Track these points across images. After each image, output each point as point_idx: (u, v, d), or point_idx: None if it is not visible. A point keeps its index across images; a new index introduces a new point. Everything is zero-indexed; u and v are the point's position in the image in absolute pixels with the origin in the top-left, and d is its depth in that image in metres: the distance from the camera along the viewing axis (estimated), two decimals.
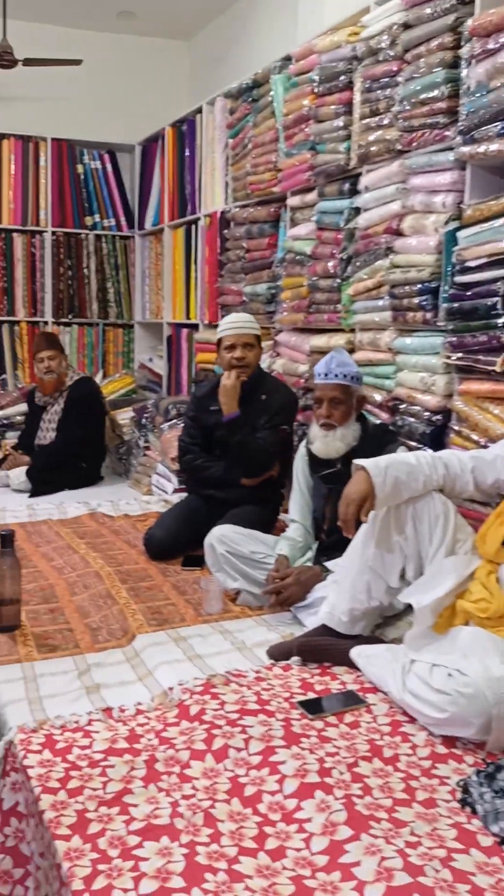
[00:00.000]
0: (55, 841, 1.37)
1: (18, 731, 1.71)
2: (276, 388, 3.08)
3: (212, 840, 1.38)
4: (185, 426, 3.22)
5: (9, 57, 4.30)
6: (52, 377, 4.24)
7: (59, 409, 4.29)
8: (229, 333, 3.01)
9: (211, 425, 3.05)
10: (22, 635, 2.24)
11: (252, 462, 2.97)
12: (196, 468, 3.11)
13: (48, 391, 4.30)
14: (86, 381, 4.44)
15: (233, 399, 2.94)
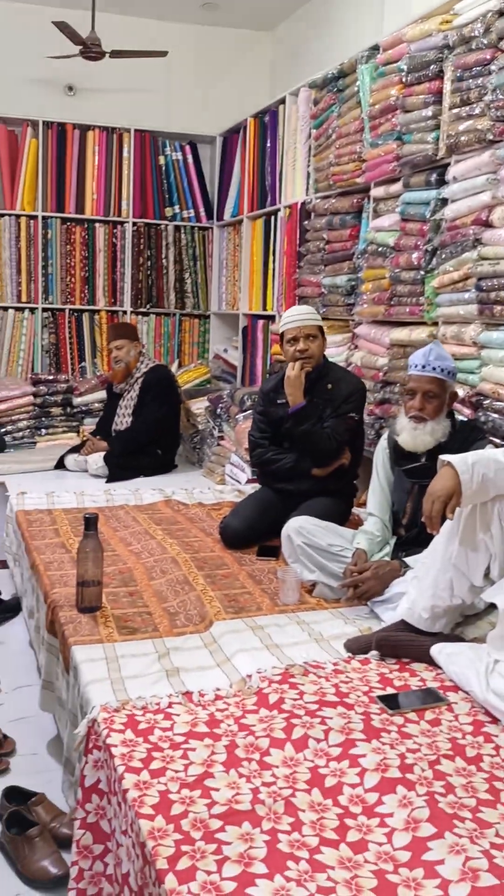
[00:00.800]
0: (139, 820, 1.39)
1: (101, 709, 1.75)
2: (343, 378, 3.06)
3: (293, 829, 1.39)
4: (255, 420, 3.24)
5: (97, 49, 4.36)
6: (120, 366, 4.33)
7: (134, 395, 4.37)
8: (291, 326, 3.01)
9: (279, 418, 3.06)
10: (103, 616, 2.29)
11: (319, 451, 2.96)
12: (266, 461, 3.12)
13: (117, 380, 4.39)
14: (159, 367, 4.51)
15: (298, 390, 2.94)
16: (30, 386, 4.90)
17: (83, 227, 5.20)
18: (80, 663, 2.01)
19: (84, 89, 5.19)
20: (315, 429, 2.92)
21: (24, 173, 5.01)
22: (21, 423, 4.82)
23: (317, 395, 2.98)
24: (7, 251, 5.06)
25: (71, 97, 5.19)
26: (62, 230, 5.16)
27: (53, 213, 5.11)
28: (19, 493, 3.69)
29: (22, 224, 5.06)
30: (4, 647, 3.22)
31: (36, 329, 5.16)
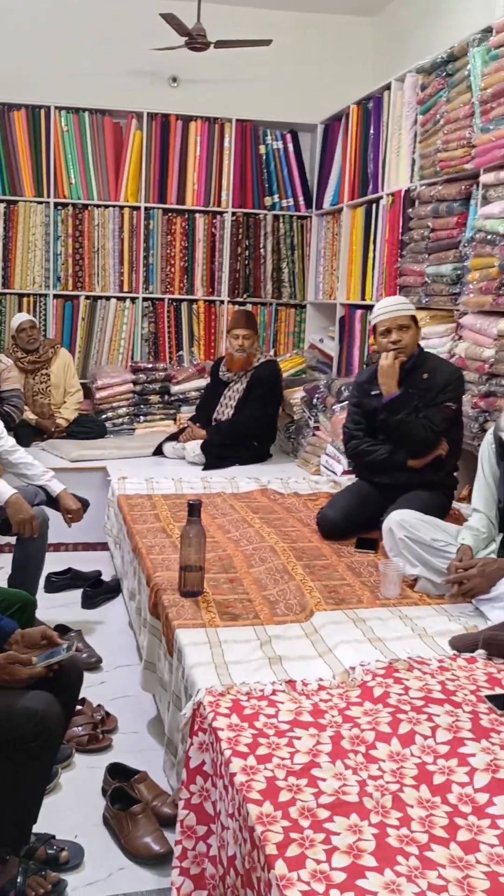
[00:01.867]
0: (247, 804, 1.41)
1: (207, 693, 1.78)
2: (439, 367, 3.00)
3: (401, 824, 1.38)
4: (349, 412, 3.21)
5: (202, 40, 4.39)
6: (243, 355, 4.34)
7: (241, 387, 4.38)
8: (384, 318, 2.97)
9: (373, 409, 3.03)
10: (204, 601, 2.32)
11: (414, 442, 2.91)
12: (361, 453, 3.09)
13: (236, 368, 4.39)
14: (271, 363, 4.50)
15: (392, 379, 2.91)
16: (129, 374, 5.00)
17: (183, 217, 5.26)
18: (185, 646, 2.04)
19: (187, 80, 5.24)
20: (410, 419, 2.88)
21: (128, 165, 5.10)
22: (121, 409, 4.93)
23: (412, 384, 2.93)
24: (111, 242, 5.17)
25: (174, 88, 5.25)
26: (163, 221, 5.24)
27: (155, 204, 5.19)
28: (121, 478, 3.78)
29: (125, 215, 5.16)
30: (105, 627, 3.32)
31: (136, 318, 5.26)
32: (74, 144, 5.03)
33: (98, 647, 3.04)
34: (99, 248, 5.17)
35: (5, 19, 4.90)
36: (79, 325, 5.19)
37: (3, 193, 5.01)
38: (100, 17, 5.04)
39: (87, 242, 5.14)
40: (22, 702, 1.66)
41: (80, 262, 5.15)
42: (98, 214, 5.14)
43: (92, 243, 5.15)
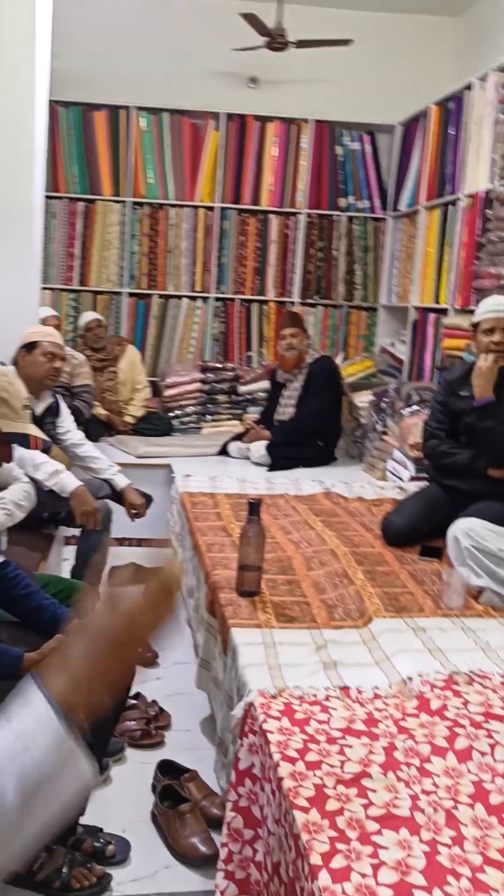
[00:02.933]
0: (294, 811, 1.37)
1: (259, 694, 1.75)
2: None
3: (454, 843, 1.32)
4: (432, 410, 3.12)
5: (281, 40, 4.38)
6: (293, 354, 4.33)
7: (298, 385, 4.37)
8: (490, 316, 2.86)
9: (459, 411, 2.93)
10: (261, 602, 2.29)
11: (500, 451, 2.80)
12: (440, 454, 3.00)
13: (288, 367, 4.39)
14: (324, 359, 4.49)
15: (488, 382, 2.80)
16: (198, 373, 5.02)
17: (257, 217, 5.26)
18: (239, 646, 2.02)
19: (266, 81, 5.23)
20: (500, 427, 2.77)
21: (205, 165, 5.13)
22: (188, 408, 4.96)
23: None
24: (185, 241, 5.21)
25: (253, 89, 5.25)
26: (237, 221, 5.24)
27: (230, 205, 5.20)
28: (185, 476, 3.79)
29: (200, 215, 5.19)
30: None
31: (207, 318, 5.28)
32: (153, 144, 5.08)
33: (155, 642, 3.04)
34: (173, 248, 5.21)
35: (89, 22, 4.99)
36: (151, 324, 5.24)
37: (83, 193, 5.10)
38: (181, 19, 5.08)
39: (162, 241, 5.19)
40: None
41: (155, 261, 5.20)
42: (173, 214, 5.18)
43: (167, 242, 5.20)
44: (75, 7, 4.87)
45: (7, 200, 3.20)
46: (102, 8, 5.02)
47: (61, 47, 4.73)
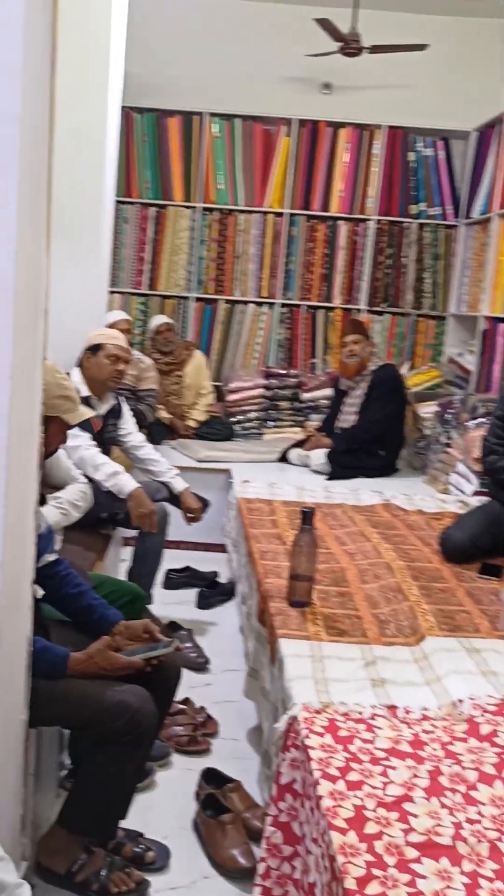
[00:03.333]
0: (331, 831, 1.34)
1: (303, 708, 1.72)
2: None
3: (497, 876, 1.26)
4: (492, 425, 3.03)
5: (355, 45, 4.34)
6: (355, 361, 4.30)
7: (361, 393, 4.32)
8: None
9: None
10: (312, 613, 2.26)
11: None
12: (499, 469, 2.92)
13: (350, 374, 4.35)
14: (388, 366, 4.45)
15: None
16: (262, 379, 5.01)
17: (326, 224, 5.22)
18: (286, 657, 1.99)
19: (340, 87, 5.20)
20: None
21: (275, 171, 5.12)
22: (251, 414, 4.95)
23: None
24: (253, 247, 5.22)
25: (326, 95, 5.22)
26: (306, 227, 5.22)
27: (299, 211, 5.18)
28: (243, 482, 3.78)
29: (268, 221, 5.19)
30: (218, 630, 3.32)
31: (272, 324, 5.27)
32: (225, 150, 5.11)
33: (208, 648, 3.05)
34: (241, 253, 5.22)
35: (162, 29, 5.05)
36: (216, 329, 5.26)
37: (155, 198, 5.16)
38: (255, 25, 5.09)
39: (230, 247, 5.21)
40: (116, 695, 1.67)
41: (222, 267, 5.22)
42: (243, 220, 5.19)
43: (235, 248, 5.21)
44: (152, 14, 4.94)
45: (78, 205, 3.25)
46: (178, 15, 5.07)
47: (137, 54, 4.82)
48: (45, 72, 1.41)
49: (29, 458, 1.48)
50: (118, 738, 1.64)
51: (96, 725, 1.65)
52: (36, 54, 1.31)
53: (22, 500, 1.44)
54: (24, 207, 1.30)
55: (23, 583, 1.54)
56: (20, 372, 1.35)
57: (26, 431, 1.44)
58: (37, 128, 1.36)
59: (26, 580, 1.57)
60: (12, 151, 1.22)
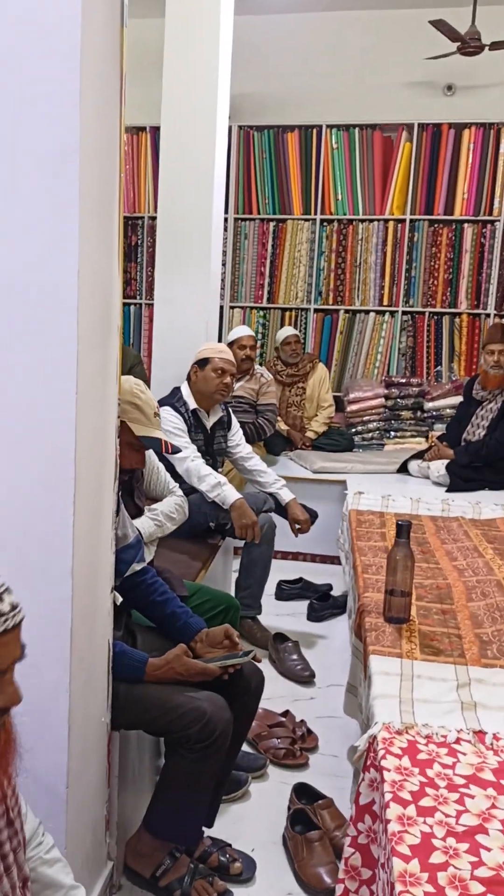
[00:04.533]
0: (394, 857, 1.28)
1: (384, 728, 1.66)
2: None
3: None
4: None
5: (476, 44, 4.20)
6: (500, 372, 4.04)
7: (495, 407, 4.11)
8: None
9: None
10: (409, 630, 2.19)
11: None
12: None
13: (491, 386, 4.11)
14: None
15: None
16: (382, 388, 4.93)
17: (451, 227, 5.07)
18: (374, 674, 1.94)
19: (462, 87, 5.05)
20: None
21: (396, 177, 5.04)
22: (371, 424, 4.88)
23: None
24: (373, 255, 5.15)
25: (449, 97, 5.09)
26: (429, 232, 5.10)
27: (421, 216, 5.07)
28: (356, 493, 3.73)
29: (390, 228, 5.11)
30: (328, 643, 3.29)
31: (394, 332, 5.17)
32: (343, 161, 5.09)
33: (315, 661, 3.02)
34: (361, 262, 5.17)
35: (278, 46, 5.11)
36: (336, 339, 5.23)
37: (274, 213, 5.22)
38: (370, 33, 5.05)
39: (350, 257, 5.17)
40: (192, 701, 1.68)
41: (342, 277, 5.20)
42: (362, 229, 5.14)
43: (354, 257, 5.17)
44: (264, 34, 5.02)
45: (190, 223, 3.34)
46: (291, 31, 5.11)
47: (252, 74, 4.92)
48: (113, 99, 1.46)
49: (101, 470, 1.53)
50: (193, 743, 1.66)
51: (172, 730, 1.68)
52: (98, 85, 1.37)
53: (94, 511, 1.49)
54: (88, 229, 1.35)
55: (100, 590, 1.59)
56: (87, 387, 1.40)
57: (98, 444, 1.50)
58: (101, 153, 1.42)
59: (104, 588, 1.62)
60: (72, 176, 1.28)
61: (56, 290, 1.32)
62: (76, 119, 1.28)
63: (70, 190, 1.30)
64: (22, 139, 1.30)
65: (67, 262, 1.31)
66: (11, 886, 1.05)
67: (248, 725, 1.96)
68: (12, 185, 1.31)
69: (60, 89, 1.27)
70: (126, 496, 2.05)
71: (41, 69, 1.28)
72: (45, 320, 1.34)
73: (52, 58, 1.27)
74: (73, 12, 1.26)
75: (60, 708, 1.42)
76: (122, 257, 1.58)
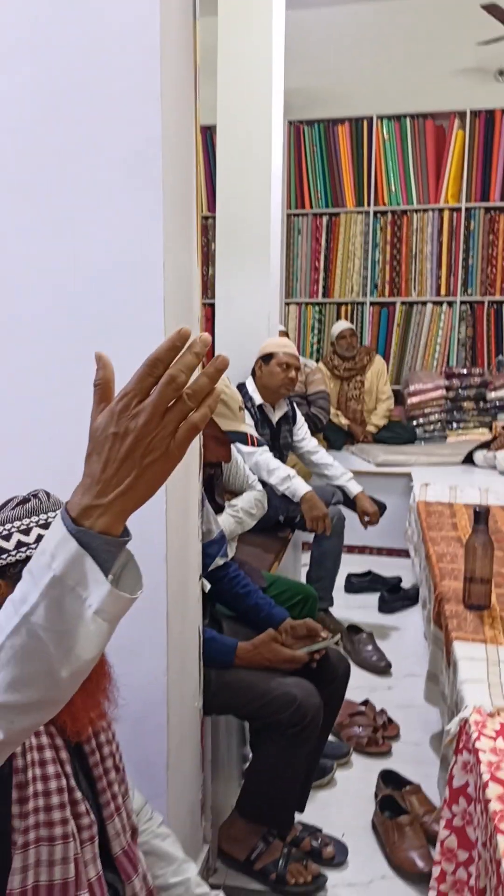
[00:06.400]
0: (498, 835, 1.28)
1: (475, 711, 1.66)
2: None
3: None
4: None
5: None
6: None
7: None
8: None
9: None
10: (490, 617, 2.17)
11: None
12: None
13: None
14: None
15: None
16: (443, 380, 4.89)
17: None
18: (460, 660, 1.93)
19: None
20: None
21: (450, 166, 4.99)
22: (433, 416, 4.84)
23: None
24: (429, 245, 5.11)
25: (501, 82, 5.02)
26: (485, 220, 5.03)
27: (477, 203, 5.01)
28: (423, 485, 3.71)
29: (444, 217, 5.07)
30: (401, 634, 3.28)
31: (453, 322, 5.12)
32: (395, 151, 5.06)
33: (389, 652, 3.02)
34: (416, 253, 5.14)
35: (323, 41, 5.10)
36: (394, 331, 5.21)
37: (326, 207, 5.22)
38: (418, 21, 5.01)
39: (405, 248, 5.14)
40: (282, 686, 1.71)
41: (398, 268, 5.17)
42: (416, 219, 5.11)
43: (409, 248, 5.14)
44: (312, 29, 5.02)
45: (249, 218, 3.37)
46: (338, 23, 5.10)
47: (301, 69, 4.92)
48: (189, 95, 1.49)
49: (189, 461, 1.57)
50: (284, 728, 1.68)
51: (263, 715, 1.70)
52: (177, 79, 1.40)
53: (183, 499, 1.53)
54: (172, 223, 1.38)
55: (190, 577, 1.62)
56: None
57: None
58: (180, 148, 1.45)
59: (193, 575, 1.65)
60: (156, 170, 1.31)
61: (144, 282, 1.36)
62: (157, 114, 1.31)
63: (154, 184, 1.33)
64: (106, 135, 1.33)
65: (154, 255, 1.35)
66: (122, 828, 1.07)
67: (336, 712, 1.98)
68: (97, 180, 1.35)
69: (143, 85, 1.30)
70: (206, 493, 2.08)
71: (123, 64, 1.31)
72: (133, 313, 1.37)
73: (133, 53, 1.30)
74: (152, 8, 1.29)
75: (159, 692, 1.46)
76: (200, 251, 1.61)
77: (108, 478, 0.68)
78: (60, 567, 0.67)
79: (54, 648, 0.68)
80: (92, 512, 0.68)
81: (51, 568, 0.68)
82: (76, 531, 0.68)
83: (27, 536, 1.02)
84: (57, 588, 0.67)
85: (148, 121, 1.31)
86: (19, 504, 1.06)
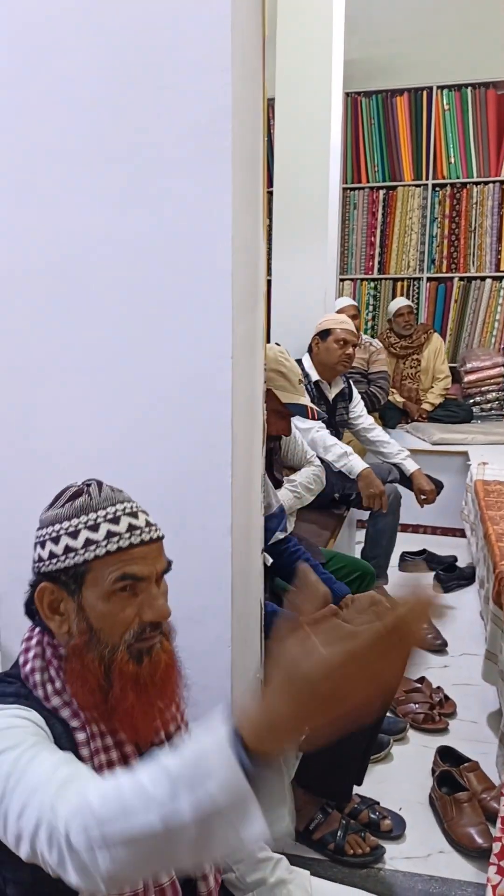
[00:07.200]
0: None
1: None
2: None
3: None
4: None
5: None
6: None
7: None
8: None
9: None
10: None
11: None
12: None
13: None
14: None
15: None
16: (501, 357, 4.80)
17: None
18: None
19: None
20: None
21: None
22: (490, 394, 4.76)
23: None
24: (489, 219, 4.99)
25: None
26: None
27: None
28: (480, 464, 3.66)
29: None
30: (456, 613, 3.26)
31: None
32: (455, 122, 4.94)
33: (445, 631, 3.00)
34: (476, 227, 5.02)
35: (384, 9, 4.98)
36: (451, 308, 5.12)
37: (384, 180, 5.14)
38: None
39: (464, 222, 5.03)
40: None
41: (456, 243, 5.07)
42: (476, 192, 4.99)
43: (469, 222, 5.03)
44: None
45: (306, 193, 3.35)
46: None
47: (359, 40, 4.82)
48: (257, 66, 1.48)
49: (252, 435, 1.57)
50: None
51: None
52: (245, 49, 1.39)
53: (247, 472, 1.54)
54: (240, 195, 1.38)
55: (252, 550, 1.63)
56: (241, 352, 1.44)
57: (249, 409, 1.53)
58: (249, 119, 1.44)
59: (255, 548, 1.66)
60: (226, 142, 1.31)
61: (212, 255, 1.36)
62: (228, 85, 1.30)
63: (223, 156, 1.32)
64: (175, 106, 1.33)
65: (222, 229, 1.34)
66: None
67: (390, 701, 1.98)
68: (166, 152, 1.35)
69: (213, 55, 1.29)
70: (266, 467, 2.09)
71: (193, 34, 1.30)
72: (201, 286, 1.38)
73: (203, 23, 1.29)
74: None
75: (223, 661, 1.48)
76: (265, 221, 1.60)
77: (302, 723, 0.68)
78: (225, 802, 0.68)
79: (188, 853, 0.70)
80: (273, 749, 0.68)
81: (211, 797, 0.68)
82: (251, 769, 0.67)
83: (75, 541, 0.96)
84: (215, 820, 0.68)
85: (218, 91, 1.30)
86: (69, 500, 1.00)
